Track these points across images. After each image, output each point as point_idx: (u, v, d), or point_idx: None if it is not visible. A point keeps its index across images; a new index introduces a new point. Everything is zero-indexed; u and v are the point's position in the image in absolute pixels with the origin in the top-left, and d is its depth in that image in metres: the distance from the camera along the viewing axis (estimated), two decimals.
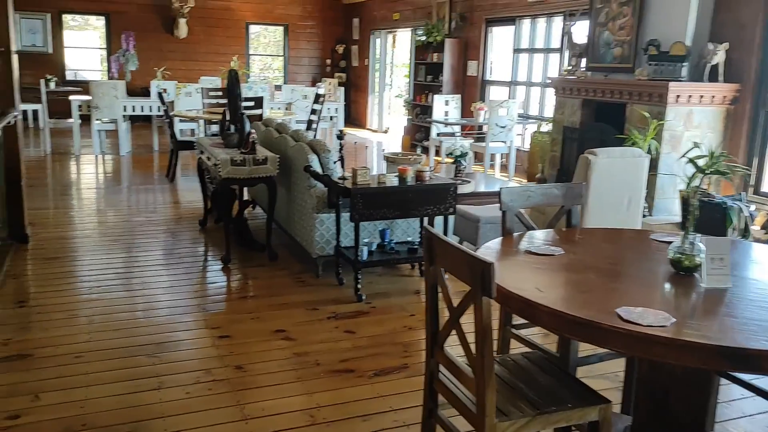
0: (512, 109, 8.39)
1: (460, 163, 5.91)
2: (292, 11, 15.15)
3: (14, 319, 3.62)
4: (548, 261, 2.34)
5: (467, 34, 10.59)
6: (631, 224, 4.85)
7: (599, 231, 2.98)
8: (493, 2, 9.85)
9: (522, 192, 2.95)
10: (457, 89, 10.68)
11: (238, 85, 5.04)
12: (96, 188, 7.46)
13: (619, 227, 4.82)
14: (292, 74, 15.58)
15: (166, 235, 5.47)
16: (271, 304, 4.05)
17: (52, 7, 13.20)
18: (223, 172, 4.61)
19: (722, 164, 4.91)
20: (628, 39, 6.33)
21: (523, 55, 9.43)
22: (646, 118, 5.92)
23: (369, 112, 14.65)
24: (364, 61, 14.67)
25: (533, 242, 2.64)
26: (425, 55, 11.28)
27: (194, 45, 14.36)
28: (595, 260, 2.43)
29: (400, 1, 12.71)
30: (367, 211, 4.00)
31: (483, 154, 8.54)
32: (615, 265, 2.38)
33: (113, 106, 9.32)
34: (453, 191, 4.25)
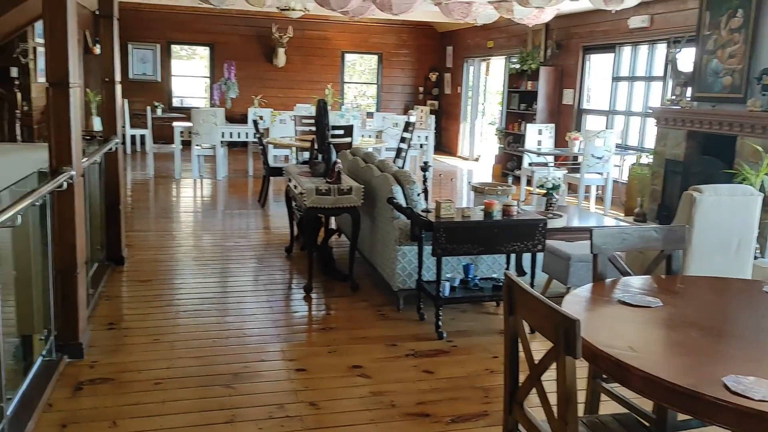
0: (609, 139, 8.03)
1: (551, 196, 5.67)
2: (387, 40, 15.35)
3: (103, 341, 3.72)
4: (644, 314, 2.13)
5: (563, 62, 10.30)
6: (739, 270, 4.45)
7: (703, 280, 2.72)
8: (591, 29, 9.54)
9: (616, 234, 2.73)
10: (551, 118, 10.38)
11: (326, 114, 5.07)
12: (191, 212, 7.73)
13: (726, 273, 4.46)
14: (384, 101, 15.73)
15: (253, 261, 5.54)
16: (350, 337, 3.97)
17: (162, 38, 13.99)
18: (308, 201, 4.62)
19: None
20: (739, 67, 5.90)
21: (623, 84, 9.04)
22: (759, 152, 5.47)
23: (460, 140, 14.52)
24: (457, 88, 14.60)
25: (628, 290, 2.42)
26: (519, 83, 11.07)
27: (292, 73, 14.79)
28: (698, 315, 2.19)
29: (495, 29, 12.56)
30: (449, 245, 3.87)
31: (577, 185, 8.20)
32: (721, 322, 2.14)
33: (212, 132, 9.69)
34: (542, 227, 4.05)
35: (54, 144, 3.21)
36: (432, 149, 11.12)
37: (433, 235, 3.85)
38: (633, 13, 8.47)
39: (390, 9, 8.47)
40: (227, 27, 14.23)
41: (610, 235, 2.71)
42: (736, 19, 5.91)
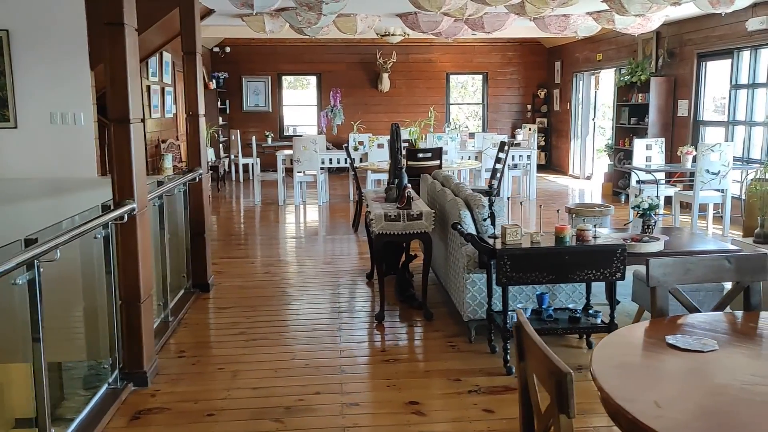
0: (726, 152, 7.31)
1: (649, 217, 5.22)
2: (491, 59, 15.11)
3: (171, 369, 3.82)
4: (691, 360, 1.84)
5: (676, 71, 9.59)
6: None
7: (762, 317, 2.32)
8: (706, 35, 8.81)
9: (679, 264, 2.42)
10: (664, 131, 9.67)
11: (399, 138, 4.98)
12: (286, 238, 7.89)
13: None
14: (491, 121, 15.45)
15: (334, 288, 5.53)
16: (413, 370, 3.82)
17: (273, 70, 14.62)
18: (376, 228, 4.54)
19: None
20: None
21: (742, 92, 8.24)
22: None
23: (571, 158, 13.93)
24: (567, 104, 14.04)
25: (687, 330, 2.11)
26: (628, 96, 10.43)
27: (396, 97, 14.91)
28: (758, 365, 1.85)
29: (604, 41, 11.99)
30: (515, 274, 3.63)
31: (692, 204, 7.53)
32: None
33: (312, 159, 9.92)
34: (620, 253, 3.70)
35: (116, 178, 3.35)
36: (534, 169, 10.70)
37: (497, 262, 3.63)
38: (751, 15, 7.73)
39: (482, 28, 8.32)
40: (333, 56, 14.63)
41: (671, 266, 2.40)
42: None
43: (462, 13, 6.85)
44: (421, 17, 8.04)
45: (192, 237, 5.27)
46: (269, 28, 8.08)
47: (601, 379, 1.70)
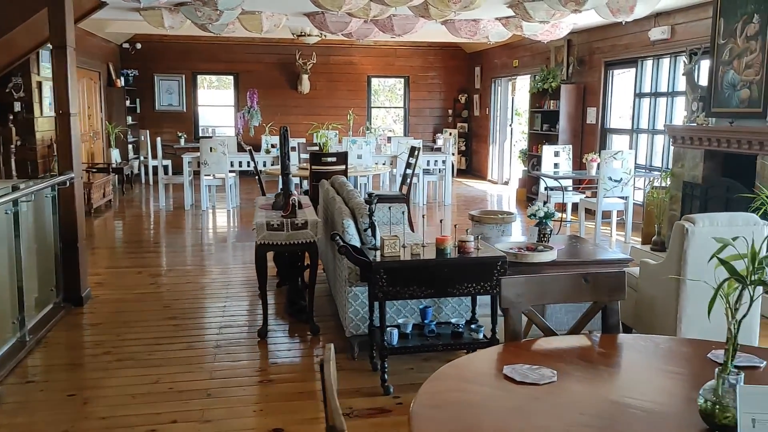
0: (628, 160, 7.40)
1: (545, 226, 5.15)
2: (413, 63, 15.04)
3: (14, 398, 3.43)
4: (523, 396, 1.66)
5: (586, 79, 9.72)
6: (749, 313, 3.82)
7: (643, 340, 2.20)
8: (612, 43, 8.95)
9: (533, 284, 2.26)
10: (574, 138, 9.79)
11: (287, 143, 4.72)
12: (184, 245, 7.48)
13: None
14: (413, 125, 15.38)
15: (223, 300, 5.22)
16: (287, 392, 3.56)
17: (187, 69, 14.06)
18: (258, 237, 4.26)
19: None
20: (757, 78, 5.26)
21: (646, 100, 8.40)
22: None
23: (490, 163, 14.00)
24: (486, 110, 14.11)
25: (534, 357, 1.95)
26: (541, 102, 10.52)
27: (317, 99, 14.63)
28: (590, 402, 1.69)
29: (520, 48, 12.09)
30: (391, 288, 3.43)
31: (596, 210, 7.59)
32: (623, 411, 1.63)
33: (220, 162, 9.52)
34: (501, 266, 3.56)
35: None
36: (449, 174, 10.63)
37: (372, 276, 3.42)
38: (654, 25, 7.88)
39: (392, 30, 8.16)
40: (251, 56, 14.22)
41: (525, 285, 2.24)
42: (752, 25, 5.29)
43: (366, 14, 6.66)
44: (328, 17, 7.81)
45: (63, 247, 4.85)
46: (168, 23, 7.66)
47: (415, 422, 1.50)
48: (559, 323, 3.91)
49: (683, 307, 3.78)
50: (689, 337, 3.79)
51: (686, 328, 3.80)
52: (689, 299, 3.77)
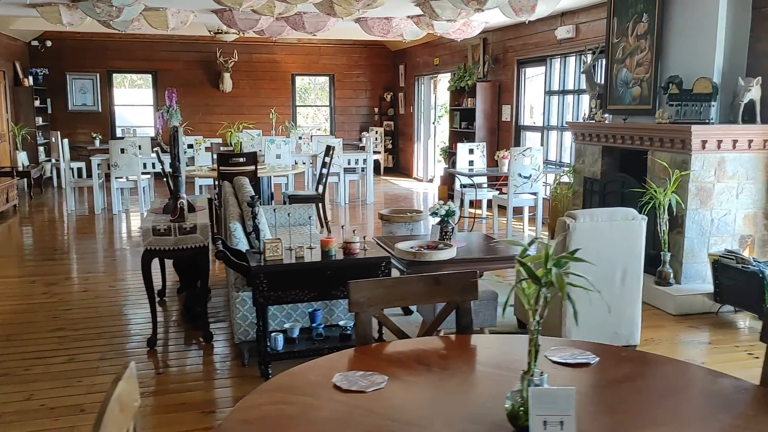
0: (536, 157, 7.54)
1: (447, 223, 5.18)
2: (337, 61, 14.95)
3: None
4: (347, 404, 1.62)
5: (501, 77, 9.87)
6: (628, 302, 3.94)
7: (489, 341, 2.20)
8: (524, 42, 9.11)
9: (383, 286, 2.23)
10: (491, 136, 9.93)
11: (177, 144, 4.57)
12: (87, 252, 7.18)
13: (612, 307, 3.94)
14: (339, 124, 15.29)
15: (118, 308, 5.02)
16: (166, 404, 3.43)
17: (102, 67, 13.56)
18: (144, 243, 4.11)
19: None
20: (647, 76, 5.44)
21: (555, 97, 8.59)
22: (667, 168, 4.99)
23: (415, 161, 14.07)
24: (410, 108, 14.18)
25: (380, 362, 1.91)
26: (460, 100, 10.63)
27: (240, 98, 14.36)
28: (415, 403, 1.67)
29: (440, 46, 12.18)
30: (273, 293, 3.36)
31: (507, 207, 7.71)
32: (436, 414, 1.60)
33: (132, 164, 9.21)
34: (385, 266, 3.54)
35: None
36: (371, 173, 10.61)
37: (252, 281, 3.34)
38: (560, 24, 8.05)
39: (303, 28, 8.06)
40: (169, 53, 13.83)
41: (375, 288, 2.21)
42: (642, 24, 5.46)
43: (271, 11, 6.54)
44: (236, 14, 7.65)
45: None
46: (66, 20, 7.34)
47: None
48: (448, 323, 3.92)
49: (567, 302, 3.84)
50: (574, 334, 3.87)
51: (571, 323, 3.87)
52: (573, 294, 3.83)
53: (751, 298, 4.46)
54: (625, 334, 3.98)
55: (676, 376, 1.85)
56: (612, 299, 3.90)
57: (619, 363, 1.97)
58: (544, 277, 1.44)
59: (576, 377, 1.82)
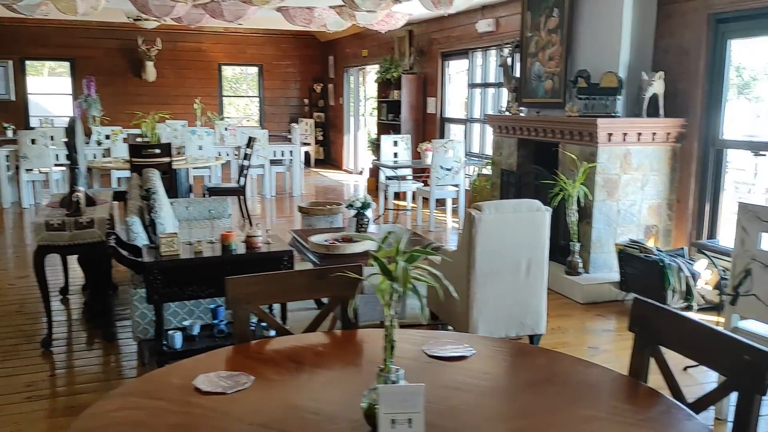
0: (458, 149, 7.60)
1: (363, 216, 5.15)
2: (266, 51, 14.69)
3: None
4: (205, 406, 1.55)
5: (426, 70, 9.90)
6: (533, 292, 4.00)
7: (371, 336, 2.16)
8: (447, 35, 9.16)
9: (263, 281, 2.16)
10: (416, 128, 9.96)
11: (74, 135, 4.36)
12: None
13: (517, 297, 3.99)
14: (269, 115, 15.04)
15: (16, 307, 4.76)
16: (55, 408, 3.27)
17: (14, 54, 12.89)
18: (36, 238, 3.90)
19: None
20: (558, 70, 5.54)
21: (477, 90, 8.68)
22: (575, 160, 5.10)
23: (345, 153, 14.00)
24: (339, 99, 14.08)
25: (255, 359, 1.85)
26: (386, 92, 10.61)
27: (164, 88, 13.92)
28: (277, 404, 1.61)
29: (368, 37, 12.12)
30: (168, 290, 3.24)
31: (430, 199, 7.74)
32: (295, 416, 1.55)
33: (42, 155, 8.79)
34: (288, 261, 3.47)
35: None
36: (298, 165, 10.48)
37: (146, 277, 3.21)
38: (480, 17, 8.12)
39: (222, 16, 7.85)
40: (88, 40, 13.26)
41: (255, 284, 2.14)
42: (553, 19, 5.55)
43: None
44: (150, 0, 7.37)
45: None
46: None
47: None
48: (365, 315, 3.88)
49: (473, 293, 3.88)
50: (482, 324, 3.90)
51: (478, 314, 3.90)
52: (479, 285, 3.87)
53: (653, 287, 4.61)
54: (531, 324, 4.04)
55: (547, 367, 1.86)
56: (517, 289, 3.95)
57: (495, 355, 1.97)
58: (395, 272, 1.41)
59: (449, 370, 1.80)
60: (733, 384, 1.54)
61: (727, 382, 1.56)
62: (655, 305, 1.81)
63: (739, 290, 2.99)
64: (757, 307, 2.91)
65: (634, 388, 1.70)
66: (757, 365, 1.47)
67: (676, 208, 5.24)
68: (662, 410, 1.57)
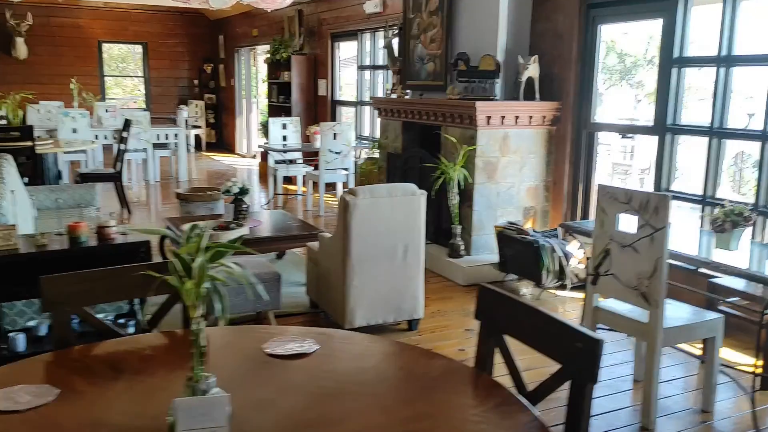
0: (347, 132, 7.48)
1: (242, 202, 4.92)
2: (151, 28, 13.93)
3: None
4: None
5: (317, 51, 9.69)
6: (410, 276, 3.96)
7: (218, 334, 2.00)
8: (336, 15, 8.99)
9: (85, 279, 1.95)
10: (308, 110, 9.75)
11: None
12: None
13: (395, 282, 3.94)
14: (156, 96, 14.31)
15: None
16: None
17: None
18: None
19: None
20: (439, 53, 5.52)
21: (367, 72, 8.58)
22: (456, 143, 5.10)
23: (238, 136, 13.57)
24: (231, 80, 13.60)
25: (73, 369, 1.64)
26: (277, 73, 10.31)
27: (38, 66, 12.92)
28: (74, 423, 1.43)
29: (259, 16, 11.73)
30: (6, 288, 2.93)
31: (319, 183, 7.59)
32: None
33: None
34: (145, 252, 3.23)
35: None
36: (184, 149, 10.01)
37: None
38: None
39: None
40: None
41: (75, 283, 1.93)
42: (434, 0, 5.51)
43: None
44: None
45: None
46: None
47: None
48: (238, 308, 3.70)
49: (350, 279, 3.78)
50: (359, 311, 3.81)
51: (354, 301, 3.81)
52: (355, 271, 3.78)
53: (529, 267, 4.70)
54: (408, 309, 4.00)
55: (391, 361, 1.78)
56: (394, 275, 3.90)
57: (342, 349, 1.86)
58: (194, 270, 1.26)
59: (286, 370, 1.68)
60: (567, 372, 1.51)
61: (561, 370, 1.53)
62: (499, 293, 1.76)
63: (600, 270, 3.05)
64: (615, 287, 2.97)
65: (475, 380, 1.65)
66: (588, 352, 1.44)
67: (552, 189, 5.37)
68: (498, 402, 1.51)
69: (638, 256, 2.83)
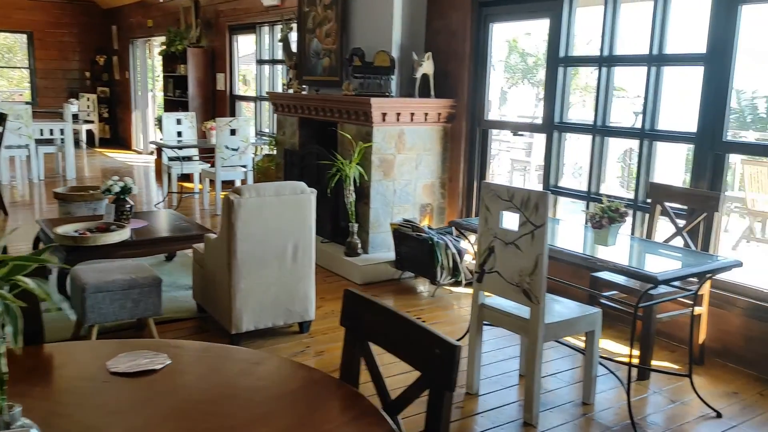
0: (245, 128, 7.25)
1: (125, 202, 4.64)
2: (36, 17, 13.05)
3: None
4: None
5: (215, 44, 9.36)
6: (300, 277, 3.84)
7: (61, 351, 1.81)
8: (234, 7, 8.70)
9: None
10: (206, 105, 9.41)
11: None
12: None
13: (286, 284, 3.80)
14: (42, 89, 13.43)
15: None
16: None
17: None
18: None
19: None
20: (335, 48, 5.42)
21: (267, 67, 8.37)
22: (351, 139, 5.02)
23: (134, 132, 12.95)
24: (125, 73, 12.95)
25: None
26: (174, 66, 9.88)
27: None
28: None
29: (154, 7, 11.22)
30: None
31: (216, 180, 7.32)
32: None
33: None
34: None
35: None
36: (71, 145, 9.41)
37: None
38: None
39: None
40: None
41: None
42: None
43: None
44: None
45: None
46: None
47: None
48: (104, 316, 3.46)
49: (236, 282, 3.62)
50: (246, 315, 3.66)
51: (241, 304, 3.66)
52: (241, 273, 3.62)
53: (424, 264, 4.69)
54: (299, 311, 3.89)
55: (249, 374, 1.66)
56: (284, 276, 3.77)
57: (196, 362, 1.73)
58: None
59: (127, 390, 1.53)
60: (426, 379, 1.44)
61: (420, 378, 1.46)
62: (364, 298, 1.68)
63: (485, 267, 3.05)
64: (499, 284, 2.98)
65: (336, 392, 1.56)
66: (445, 358, 1.38)
67: (448, 186, 5.40)
68: (355, 415, 1.43)
69: (520, 254, 2.85)
